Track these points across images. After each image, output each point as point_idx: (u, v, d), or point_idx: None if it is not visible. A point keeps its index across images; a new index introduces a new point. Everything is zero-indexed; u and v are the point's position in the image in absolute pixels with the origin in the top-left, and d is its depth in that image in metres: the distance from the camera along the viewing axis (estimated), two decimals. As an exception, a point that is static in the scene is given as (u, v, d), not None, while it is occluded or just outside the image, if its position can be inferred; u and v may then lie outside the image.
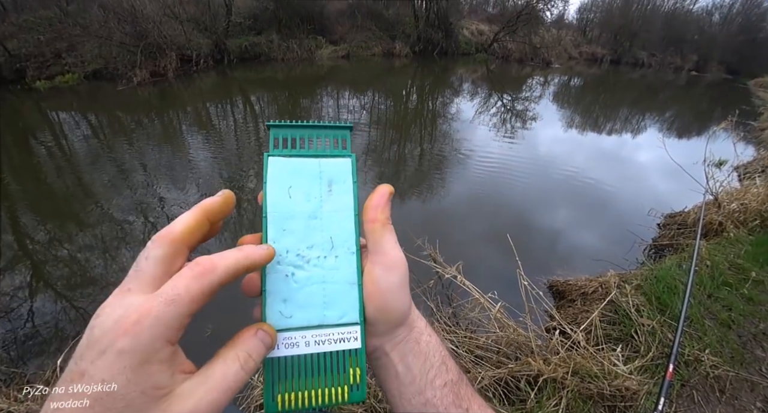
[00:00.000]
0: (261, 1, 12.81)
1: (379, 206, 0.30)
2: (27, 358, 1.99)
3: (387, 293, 0.28)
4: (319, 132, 0.31)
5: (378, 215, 0.29)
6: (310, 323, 0.28)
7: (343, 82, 10.25)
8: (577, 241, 3.05)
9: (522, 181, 4.17)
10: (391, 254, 0.28)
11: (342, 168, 0.31)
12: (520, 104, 8.62)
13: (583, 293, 2.07)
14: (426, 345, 0.31)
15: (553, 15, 18.81)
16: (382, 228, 0.29)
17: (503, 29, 16.08)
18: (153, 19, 10.07)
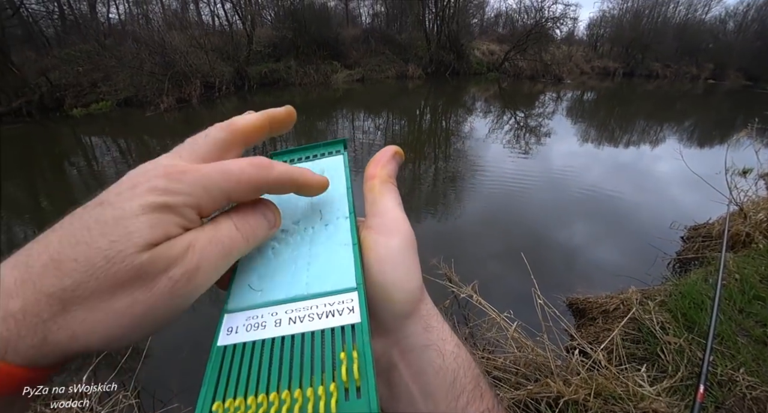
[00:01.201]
0: (280, 30, 13.51)
1: (380, 161, 0.26)
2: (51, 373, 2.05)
3: (386, 263, 0.22)
4: (315, 150, 0.30)
5: (377, 171, 0.26)
6: (286, 295, 0.20)
7: (358, 105, 10.54)
8: (596, 257, 2.97)
9: (537, 197, 4.12)
10: (390, 214, 0.24)
11: (335, 161, 0.29)
12: (533, 120, 8.61)
13: (604, 311, 2.00)
14: (453, 359, 0.22)
15: (563, 32, 19.03)
16: (381, 185, 0.25)
17: (514, 48, 16.34)
18: (180, 50, 10.74)
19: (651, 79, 20.47)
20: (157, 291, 0.17)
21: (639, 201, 4.02)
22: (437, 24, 15.39)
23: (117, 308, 0.16)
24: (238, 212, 0.21)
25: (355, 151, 6.07)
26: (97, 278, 0.16)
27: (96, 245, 0.16)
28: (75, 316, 0.15)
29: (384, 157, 0.27)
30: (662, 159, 5.73)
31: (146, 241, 0.16)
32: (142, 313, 0.16)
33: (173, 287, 0.17)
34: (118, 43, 11.55)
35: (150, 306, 0.17)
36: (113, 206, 0.17)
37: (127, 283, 0.16)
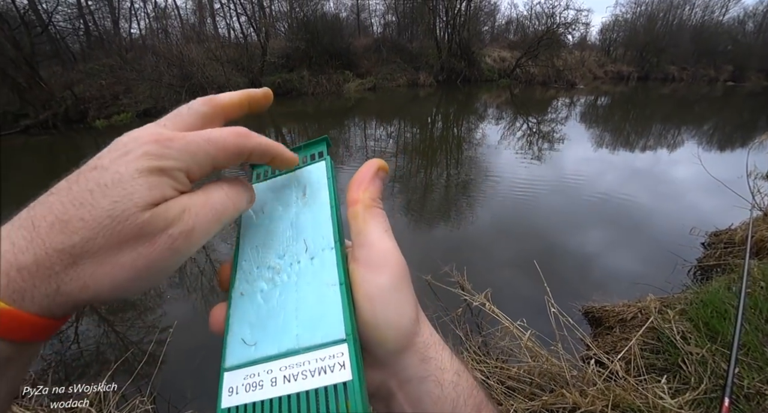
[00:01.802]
0: (293, 41, 13.83)
1: (362, 182, 0.24)
2: (72, 379, 2.10)
3: (375, 302, 0.21)
4: (296, 153, 0.29)
5: (359, 195, 0.23)
6: (279, 349, 0.20)
7: (370, 113, 10.64)
8: (612, 264, 2.90)
9: (550, 203, 4.07)
10: (378, 246, 0.22)
11: (317, 172, 0.27)
12: (546, 126, 8.53)
13: (621, 320, 1.94)
14: (453, 389, 0.22)
15: (575, 38, 18.92)
16: (366, 212, 0.23)
17: (525, 55, 16.31)
18: (198, 62, 11.10)
19: (667, 82, 20.10)
20: (158, 247, 0.18)
21: (656, 207, 3.92)
22: (448, 32, 15.52)
23: (123, 262, 0.18)
24: (227, 182, 0.23)
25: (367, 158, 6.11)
26: (104, 236, 0.17)
27: (100, 206, 0.17)
28: (85, 269, 0.17)
29: (365, 176, 0.24)
30: (680, 163, 5.58)
31: (146, 201, 0.18)
32: (145, 266, 0.18)
33: (172, 245, 0.19)
34: (139, 56, 12.01)
35: (152, 260, 0.18)
36: (110, 171, 0.18)
37: (132, 239, 0.18)
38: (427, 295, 2.51)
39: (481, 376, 1.75)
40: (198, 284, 3.00)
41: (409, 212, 4.09)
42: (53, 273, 0.17)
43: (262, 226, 0.26)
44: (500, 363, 1.85)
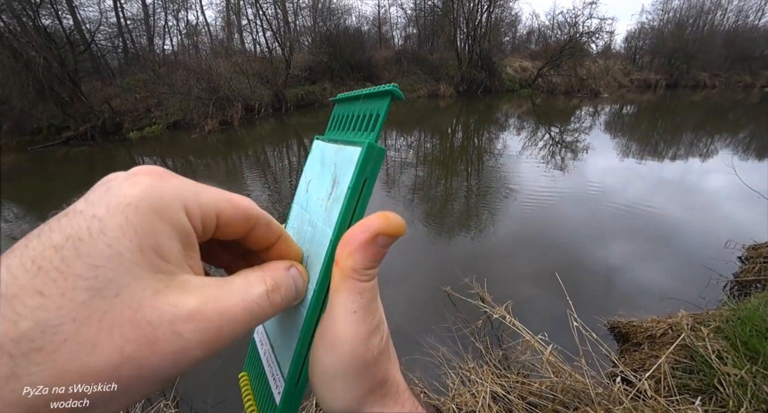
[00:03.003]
0: (316, 54, 14.27)
1: (350, 244, 0.18)
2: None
3: (324, 380, 0.19)
4: (357, 106, 0.23)
5: (342, 259, 0.18)
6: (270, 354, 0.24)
7: (390, 124, 10.76)
8: (638, 278, 2.77)
9: (573, 215, 3.96)
10: (335, 328, 0.19)
11: (348, 161, 0.20)
12: (569, 136, 8.36)
13: (650, 336, 1.86)
14: None
15: (599, 47, 18.50)
16: (340, 282, 0.18)
17: (547, 64, 16.13)
18: (225, 76, 11.59)
19: (698, 89, 19.28)
20: (158, 351, 0.13)
21: (686, 218, 3.74)
22: (469, 43, 15.59)
23: (97, 367, 0.12)
24: (272, 269, 0.18)
25: (387, 169, 6.16)
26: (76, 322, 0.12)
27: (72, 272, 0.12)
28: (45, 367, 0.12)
29: (356, 238, 0.18)
30: (713, 173, 5.32)
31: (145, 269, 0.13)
32: (134, 374, 0.13)
33: (180, 352, 0.13)
34: (170, 71, 12.68)
35: (144, 367, 0.13)
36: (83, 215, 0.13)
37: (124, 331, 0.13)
38: (446, 306, 2.49)
39: (501, 391, 1.71)
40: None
41: (429, 222, 4.08)
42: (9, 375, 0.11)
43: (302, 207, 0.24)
44: (521, 378, 1.80)
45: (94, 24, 13.83)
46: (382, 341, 0.20)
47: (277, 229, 0.20)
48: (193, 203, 0.15)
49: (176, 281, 0.14)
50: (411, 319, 2.47)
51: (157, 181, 0.14)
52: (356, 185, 0.19)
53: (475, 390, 1.73)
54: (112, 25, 14.72)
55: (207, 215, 0.16)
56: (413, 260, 3.28)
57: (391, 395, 0.21)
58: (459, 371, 1.89)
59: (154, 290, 0.13)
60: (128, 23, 15.29)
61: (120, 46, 15.36)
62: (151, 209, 0.13)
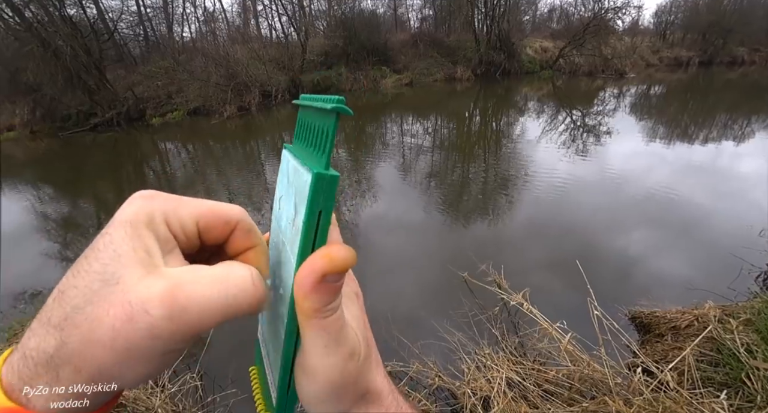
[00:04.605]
0: (332, 39, 14.07)
1: (302, 287, 0.18)
2: None
3: (310, 404, 0.22)
4: (311, 116, 0.21)
5: (300, 301, 0.19)
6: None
7: (407, 109, 10.60)
8: (662, 267, 2.68)
9: (594, 201, 3.85)
10: (312, 361, 0.20)
11: (303, 188, 0.19)
12: (591, 119, 8.03)
13: (674, 327, 1.81)
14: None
15: (625, 23, 17.38)
16: (305, 321, 0.19)
17: (569, 44, 15.35)
18: (242, 62, 11.62)
19: (734, 66, 17.94)
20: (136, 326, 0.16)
21: (716, 205, 3.57)
22: (487, 24, 15.01)
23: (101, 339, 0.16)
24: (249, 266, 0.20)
25: (404, 156, 6.10)
26: (90, 302, 0.16)
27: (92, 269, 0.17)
28: (71, 346, 0.15)
29: (306, 282, 0.18)
30: (748, 157, 5.02)
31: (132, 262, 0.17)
32: (124, 348, 0.15)
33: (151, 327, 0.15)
34: (190, 58, 12.82)
35: (131, 342, 0.15)
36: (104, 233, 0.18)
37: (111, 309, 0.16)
38: (463, 292, 2.49)
39: (516, 378, 1.71)
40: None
41: (446, 208, 4.05)
42: (48, 358, 0.15)
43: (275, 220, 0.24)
44: (537, 365, 1.80)
45: (116, 13, 14.05)
46: (360, 360, 0.21)
47: (255, 237, 0.22)
48: (172, 215, 0.19)
49: (156, 271, 0.17)
50: (427, 304, 2.49)
51: (146, 201, 0.19)
52: (309, 220, 0.18)
53: (491, 376, 1.74)
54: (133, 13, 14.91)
55: (185, 223, 0.19)
56: (429, 246, 3.28)
57: (374, 401, 0.23)
58: (474, 356, 1.90)
59: (139, 277, 0.16)
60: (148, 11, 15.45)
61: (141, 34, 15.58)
62: (139, 223, 0.18)
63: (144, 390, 1.73)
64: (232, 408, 1.83)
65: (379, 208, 4.16)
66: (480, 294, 2.43)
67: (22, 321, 2.45)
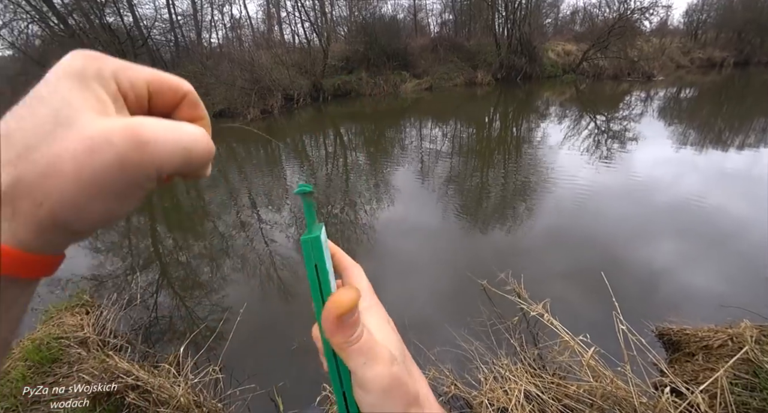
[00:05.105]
0: (353, 44, 14.25)
1: (327, 330, 0.24)
2: (152, 341, 2.42)
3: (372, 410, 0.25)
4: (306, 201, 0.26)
5: (330, 340, 0.24)
6: None
7: (426, 113, 10.59)
8: (692, 281, 2.56)
9: (618, 210, 3.71)
10: (361, 378, 0.24)
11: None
12: (616, 124, 7.79)
13: (706, 347, 1.72)
14: None
15: (653, 23, 16.68)
16: (342, 352, 0.24)
17: (593, 46, 14.96)
18: (266, 66, 11.91)
19: (774, 66, 16.98)
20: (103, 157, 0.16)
21: (752, 217, 3.37)
22: (507, 27, 14.86)
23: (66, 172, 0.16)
24: None
25: (422, 160, 6.09)
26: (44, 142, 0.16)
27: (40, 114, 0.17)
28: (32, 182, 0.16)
29: (327, 327, 0.23)
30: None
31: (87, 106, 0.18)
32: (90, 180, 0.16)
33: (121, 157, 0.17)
34: (217, 63, 13.24)
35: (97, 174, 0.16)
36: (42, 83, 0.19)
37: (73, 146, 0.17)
38: (480, 300, 2.45)
39: (535, 391, 1.67)
40: (257, 272, 3.24)
41: (464, 214, 4.01)
42: (3, 193, 0.16)
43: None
44: (557, 379, 1.75)
45: (150, 20, 14.70)
46: (399, 362, 0.25)
47: (201, 110, 0.24)
48: (122, 75, 0.19)
49: (111, 117, 0.18)
50: (443, 310, 2.46)
51: (92, 59, 0.19)
52: (310, 274, 0.24)
53: (508, 387, 1.70)
54: (165, 20, 15.55)
55: (136, 84, 0.20)
56: (446, 252, 3.25)
57: (423, 405, 0.26)
58: (492, 366, 1.86)
59: (93, 119, 0.17)
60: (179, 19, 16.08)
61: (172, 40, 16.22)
62: (87, 77, 0.18)
63: (167, 378, 1.79)
64: (250, 403, 1.87)
65: (396, 212, 4.16)
66: (498, 303, 2.39)
67: (58, 304, 2.59)
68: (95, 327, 2.32)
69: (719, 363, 1.53)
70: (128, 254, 3.77)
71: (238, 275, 3.21)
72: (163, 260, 3.62)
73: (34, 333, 2.25)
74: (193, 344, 2.19)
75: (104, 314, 2.45)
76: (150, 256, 3.69)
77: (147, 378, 1.69)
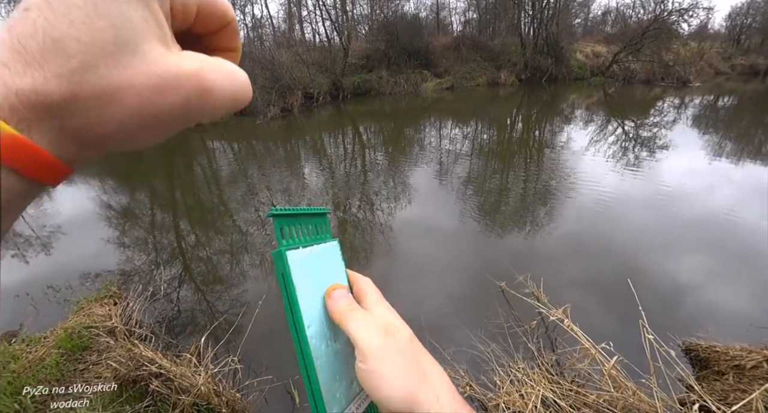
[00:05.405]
0: (373, 42, 14.27)
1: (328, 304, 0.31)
2: (175, 333, 2.49)
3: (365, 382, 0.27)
4: (308, 220, 0.32)
5: (332, 307, 0.30)
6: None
7: (446, 113, 10.50)
8: (721, 299, 2.43)
9: (643, 219, 3.59)
10: (357, 336, 0.28)
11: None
12: (646, 131, 7.52)
13: (738, 367, 1.64)
14: None
15: (692, 26, 16.00)
16: (341, 320, 0.29)
17: (625, 49, 14.48)
18: (286, 65, 12.07)
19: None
20: (170, 99, 0.16)
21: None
22: (534, 27, 14.55)
23: (130, 104, 0.16)
24: None
25: (441, 161, 6.05)
26: (108, 65, 0.15)
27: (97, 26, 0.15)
28: (87, 103, 0.15)
29: (327, 300, 0.31)
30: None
31: (154, 35, 0.17)
32: (152, 116, 0.16)
33: (187, 101, 0.17)
34: (239, 61, 13.51)
35: (162, 112, 0.16)
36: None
37: (143, 81, 0.16)
38: (499, 302, 2.42)
39: (552, 397, 1.63)
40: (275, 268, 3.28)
41: (483, 216, 3.96)
42: (53, 103, 0.15)
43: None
44: (576, 387, 1.70)
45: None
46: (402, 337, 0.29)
47: (238, 42, 0.24)
48: None
49: (175, 51, 0.17)
50: (460, 311, 2.44)
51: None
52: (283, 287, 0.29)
53: (525, 392, 1.68)
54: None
55: (188, 2, 0.19)
56: (463, 253, 3.22)
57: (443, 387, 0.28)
58: (508, 369, 1.84)
59: (162, 54, 0.16)
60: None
61: (196, 39, 16.63)
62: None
63: (189, 367, 1.84)
64: (267, 395, 1.91)
65: (413, 211, 4.15)
66: (516, 306, 2.36)
67: (89, 296, 2.70)
68: (122, 317, 2.42)
69: (753, 384, 1.46)
70: (152, 249, 3.89)
71: (257, 272, 3.27)
72: (186, 255, 3.73)
73: (67, 322, 2.39)
74: (213, 336, 2.25)
75: (130, 305, 2.54)
76: (173, 251, 3.80)
77: (170, 367, 1.75)
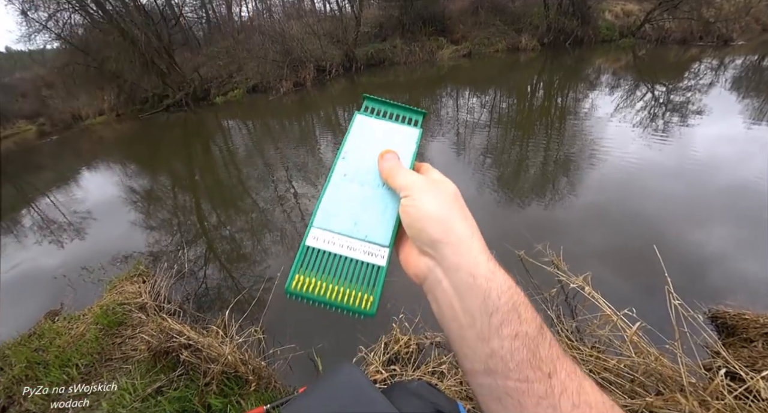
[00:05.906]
0: (386, 9, 13.65)
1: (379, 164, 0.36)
2: (203, 308, 2.60)
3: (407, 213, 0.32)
4: (400, 111, 0.40)
5: (383, 166, 0.35)
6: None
7: (463, 82, 10.10)
8: (752, 269, 2.32)
9: (670, 188, 3.40)
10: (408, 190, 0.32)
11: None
12: (678, 95, 7.01)
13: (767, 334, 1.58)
14: (485, 282, 0.27)
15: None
16: (388, 173, 0.35)
17: (660, 5, 13.26)
18: (297, 37, 11.79)
19: None
20: None
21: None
22: (559, -14, 13.49)
23: None
24: None
25: (458, 133, 5.88)
26: None
27: None
28: None
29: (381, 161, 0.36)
30: None
31: None
32: None
33: None
34: (248, 37, 13.26)
35: None
36: None
37: None
38: (518, 270, 2.39)
39: (571, 363, 1.63)
40: (295, 243, 3.35)
41: (502, 186, 3.87)
42: None
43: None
44: (596, 352, 1.70)
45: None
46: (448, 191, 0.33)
47: None
48: None
49: None
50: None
51: None
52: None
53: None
54: (195, -4, 15.64)
55: None
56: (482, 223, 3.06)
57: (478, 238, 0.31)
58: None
59: None
60: (210, -7, 16.12)
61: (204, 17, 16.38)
62: None
63: (216, 338, 1.93)
64: (291, 362, 1.99)
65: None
66: (535, 274, 2.33)
67: (120, 276, 2.86)
68: (151, 294, 2.59)
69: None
70: (176, 230, 4.03)
71: (278, 248, 3.34)
72: (209, 235, 3.84)
73: (102, 300, 2.59)
74: (237, 310, 2.33)
75: (158, 282, 2.70)
76: (197, 232, 3.93)
77: (197, 338, 1.84)
